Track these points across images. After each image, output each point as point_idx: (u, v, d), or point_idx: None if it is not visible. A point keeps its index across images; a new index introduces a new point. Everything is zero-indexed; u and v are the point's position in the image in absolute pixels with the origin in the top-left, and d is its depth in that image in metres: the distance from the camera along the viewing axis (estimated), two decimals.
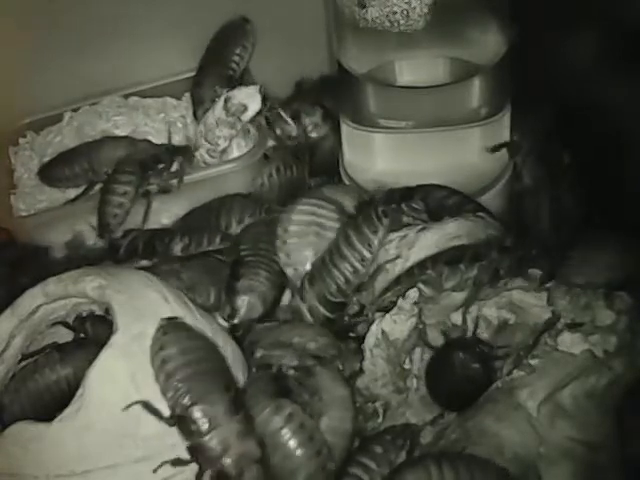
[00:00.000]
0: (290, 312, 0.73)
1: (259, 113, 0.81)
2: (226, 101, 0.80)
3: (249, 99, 0.80)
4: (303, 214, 0.74)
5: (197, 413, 0.53)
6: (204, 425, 0.53)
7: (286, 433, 0.58)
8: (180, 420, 0.54)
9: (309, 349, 0.66)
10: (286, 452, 0.58)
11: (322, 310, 0.71)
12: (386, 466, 0.61)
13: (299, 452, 0.58)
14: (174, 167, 0.80)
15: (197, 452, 0.54)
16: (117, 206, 0.77)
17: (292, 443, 0.58)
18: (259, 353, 0.67)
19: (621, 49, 0.70)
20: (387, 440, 0.62)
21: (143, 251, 0.76)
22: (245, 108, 0.80)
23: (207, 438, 0.53)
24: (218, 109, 0.81)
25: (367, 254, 0.69)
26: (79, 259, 0.76)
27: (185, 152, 0.81)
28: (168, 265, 0.74)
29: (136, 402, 0.55)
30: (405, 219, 0.74)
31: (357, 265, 0.70)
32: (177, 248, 0.76)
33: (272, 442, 0.58)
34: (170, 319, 0.58)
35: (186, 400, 0.54)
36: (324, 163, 0.87)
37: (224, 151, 0.83)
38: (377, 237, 0.70)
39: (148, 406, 0.55)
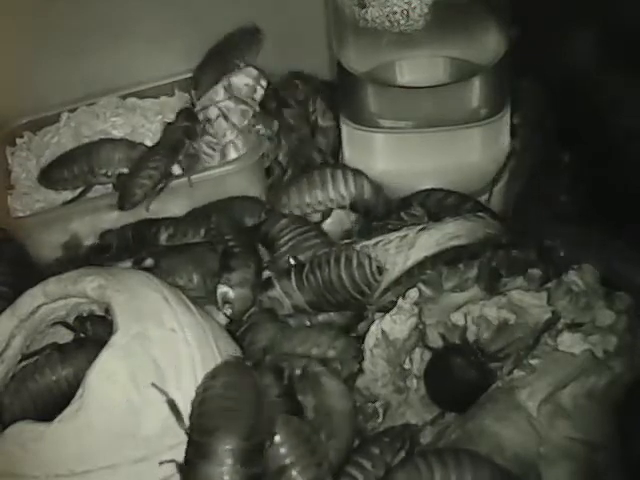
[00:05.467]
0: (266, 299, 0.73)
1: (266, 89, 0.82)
2: (226, 88, 0.80)
3: (252, 78, 0.81)
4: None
5: (207, 443, 0.53)
6: (206, 454, 0.52)
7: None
8: (191, 443, 0.54)
9: (329, 357, 0.67)
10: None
11: (309, 310, 0.72)
12: (382, 467, 0.61)
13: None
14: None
15: (188, 471, 0.53)
16: (147, 177, 0.78)
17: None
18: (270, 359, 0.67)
19: (621, 49, 0.70)
20: (385, 442, 0.62)
21: (133, 240, 0.78)
22: (254, 88, 0.80)
23: (202, 464, 0.52)
24: (220, 97, 0.80)
25: (362, 297, 0.70)
26: (79, 260, 0.77)
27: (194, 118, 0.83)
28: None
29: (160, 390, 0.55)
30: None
31: (356, 295, 0.70)
32: (163, 237, 0.78)
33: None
34: (238, 358, 0.60)
35: (204, 428, 0.53)
36: None
37: (226, 145, 0.83)
38: (372, 289, 0.70)
39: (173, 406, 0.55)
